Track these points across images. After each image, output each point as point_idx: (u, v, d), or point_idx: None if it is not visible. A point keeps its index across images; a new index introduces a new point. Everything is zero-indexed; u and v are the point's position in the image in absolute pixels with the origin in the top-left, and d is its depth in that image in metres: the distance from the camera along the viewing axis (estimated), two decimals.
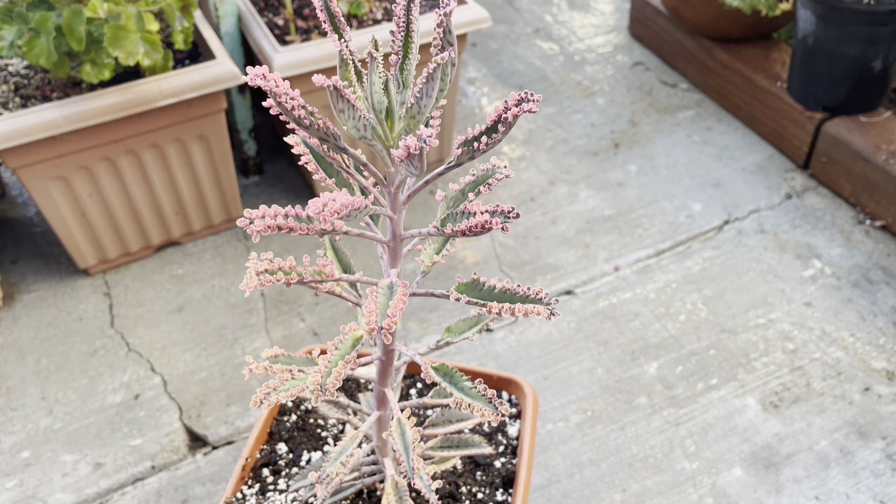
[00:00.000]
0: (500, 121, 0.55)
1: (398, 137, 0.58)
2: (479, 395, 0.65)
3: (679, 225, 1.69)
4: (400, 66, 0.57)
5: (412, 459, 0.68)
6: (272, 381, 0.67)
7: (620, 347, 1.44)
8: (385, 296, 0.58)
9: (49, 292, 1.57)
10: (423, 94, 0.53)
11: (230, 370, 1.42)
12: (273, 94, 0.52)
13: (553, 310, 0.62)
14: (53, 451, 1.30)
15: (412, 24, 0.56)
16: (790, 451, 1.28)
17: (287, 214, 0.57)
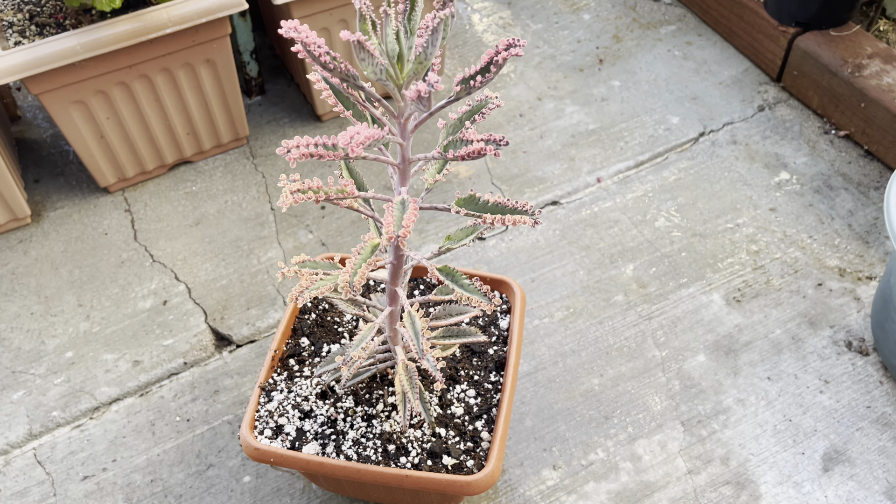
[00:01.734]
0: (491, 62, 0.67)
1: (407, 77, 0.69)
2: (476, 289, 0.80)
3: (657, 138, 1.81)
4: (408, 16, 0.68)
5: (421, 343, 0.83)
6: (303, 281, 0.81)
7: (600, 252, 1.59)
8: (399, 210, 0.71)
9: (73, 209, 1.69)
10: (429, 43, 0.64)
11: (248, 277, 1.56)
12: (303, 44, 0.64)
13: (536, 219, 0.75)
14: (95, 351, 1.45)
15: None
16: (748, 339, 1.45)
17: (318, 143, 0.69)
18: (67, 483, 1.29)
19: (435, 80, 0.61)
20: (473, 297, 0.79)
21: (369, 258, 0.75)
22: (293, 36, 0.63)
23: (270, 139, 1.83)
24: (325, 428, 1.05)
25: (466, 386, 1.10)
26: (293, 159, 0.68)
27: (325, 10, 1.59)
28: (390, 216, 0.70)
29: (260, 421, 1.05)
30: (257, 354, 1.44)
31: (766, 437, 1.32)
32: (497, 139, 0.66)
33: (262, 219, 1.66)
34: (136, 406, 1.38)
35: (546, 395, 1.38)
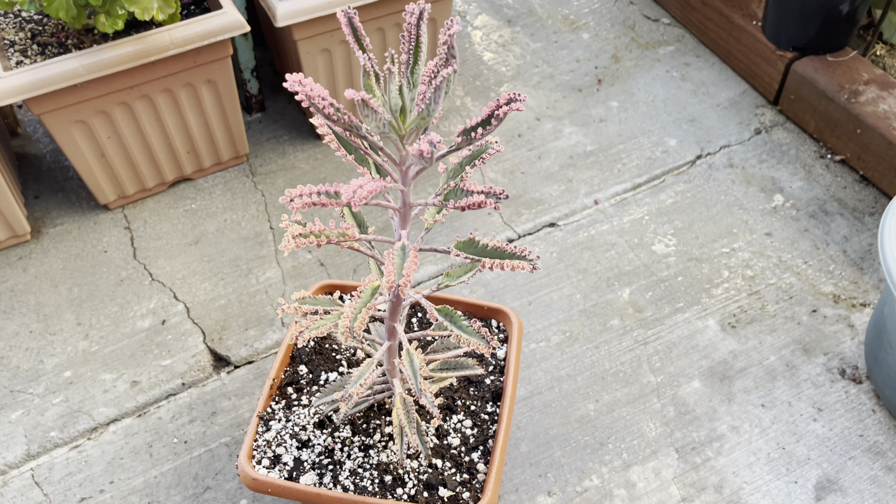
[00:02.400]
0: (492, 115, 0.68)
1: (410, 128, 0.70)
2: (474, 331, 0.81)
3: (655, 160, 1.82)
4: (411, 69, 0.69)
5: (419, 382, 0.84)
6: (304, 321, 0.82)
7: (597, 275, 1.60)
8: (400, 257, 0.72)
9: (73, 226, 1.70)
10: (432, 101, 0.65)
11: (246, 297, 1.57)
12: (308, 97, 0.65)
13: (535, 265, 0.76)
14: (93, 371, 1.46)
15: (421, 37, 0.67)
16: (743, 365, 1.46)
17: (320, 192, 0.70)
18: None
19: (437, 140, 0.62)
20: (471, 339, 0.80)
21: (369, 302, 0.76)
22: (297, 90, 0.64)
23: (270, 157, 1.83)
24: (322, 458, 1.06)
25: (463, 416, 1.11)
26: (296, 208, 0.68)
27: (326, 31, 1.60)
28: (391, 264, 0.71)
29: (258, 450, 1.06)
30: (255, 376, 1.45)
31: (760, 465, 1.33)
32: (497, 192, 0.67)
33: (262, 238, 1.67)
34: (133, 427, 1.39)
35: (542, 420, 1.39)
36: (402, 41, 0.70)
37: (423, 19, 0.67)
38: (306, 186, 0.70)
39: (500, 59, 2.08)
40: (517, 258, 0.77)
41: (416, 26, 0.67)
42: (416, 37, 0.67)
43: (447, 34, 0.64)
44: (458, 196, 0.70)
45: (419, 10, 0.66)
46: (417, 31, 0.67)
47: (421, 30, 0.67)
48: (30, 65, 1.44)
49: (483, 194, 0.68)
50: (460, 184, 0.71)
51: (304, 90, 0.65)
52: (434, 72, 0.64)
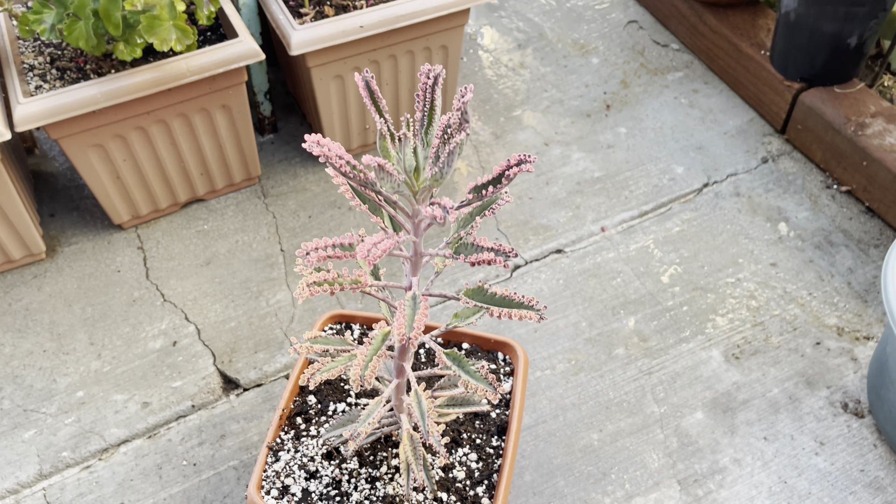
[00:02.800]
0: (503, 175, 0.70)
1: (422, 185, 0.72)
2: (482, 377, 0.83)
3: (662, 188, 1.84)
4: (425, 130, 0.71)
5: (427, 424, 0.86)
6: (316, 363, 0.84)
7: (603, 303, 1.62)
8: (411, 307, 0.74)
9: (87, 245, 1.72)
10: (446, 164, 0.67)
11: (256, 320, 1.59)
12: (326, 157, 0.67)
13: (542, 315, 0.78)
14: (105, 392, 1.49)
15: (436, 100, 0.70)
16: (746, 397, 1.47)
17: (335, 245, 0.72)
18: None
19: (450, 206, 0.64)
20: (480, 385, 0.82)
21: (380, 349, 0.78)
22: (316, 151, 0.67)
23: (282, 178, 1.86)
24: (329, 489, 1.08)
25: (468, 450, 1.13)
26: (311, 262, 0.71)
27: (339, 58, 1.63)
28: (402, 316, 0.73)
29: (267, 481, 1.08)
30: (263, 399, 1.47)
31: (762, 499, 1.34)
32: (507, 251, 0.70)
33: (272, 260, 1.69)
34: (143, 448, 1.41)
35: (546, 449, 1.41)
36: (416, 100, 0.72)
37: (438, 84, 0.69)
38: (322, 240, 0.72)
39: (509, 82, 2.11)
40: (524, 308, 0.79)
41: (432, 90, 0.69)
42: (431, 100, 0.69)
43: (461, 101, 0.67)
44: (467, 251, 0.72)
45: (435, 76, 0.68)
46: (433, 94, 0.69)
47: (436, 94, 0.69)
48: (49, 90, 1.47)
49: (493, 252, 0.70)
50: (469, 237, 0.73)
51: (323, 150, 0.67)
52: (447, 136, 0.66)
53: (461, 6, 1.65)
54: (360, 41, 1.61)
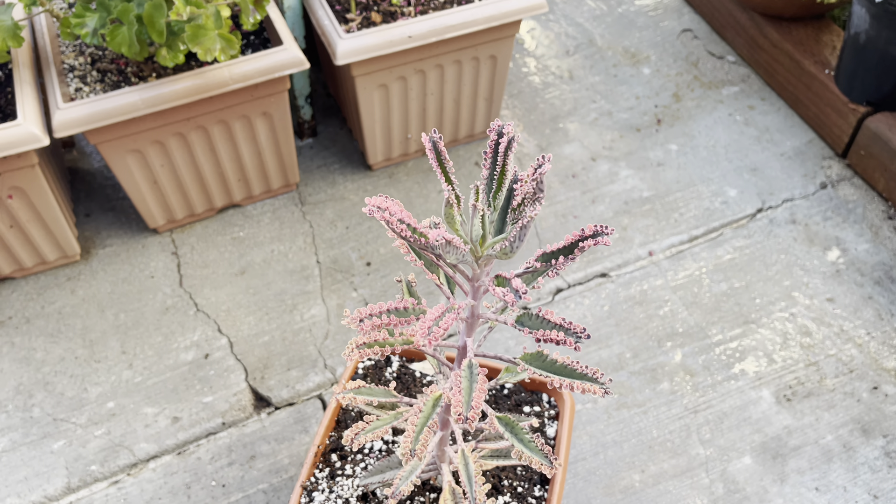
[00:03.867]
0: (576, 246, 0.64)
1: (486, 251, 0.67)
2: (537, 448, 0.77)
3: (713, 211, 1.76)
4: (493, 195, 0.65)
5: (474, 490, 0.81)
6: (360, 423, 0.80)
7: (649, 334, 1.56)
8: (467, 378, 0.69)
9: (122, 248, 1.69)
10: (517, 239, 0.62)
11: (290, 335, 1.55)
12: (387, 223, 0.62)
13: (607, 389, 0.73)
14: (136, 404, 1.46)
15: (507, 165, 0.64)
16: (797, 443, 1.41)
17: (389, 310, 0.67)
18: None
19: (523, 291, 0.58)
20: (534, 457, 0.77)
21: (431, 417, 0.73)
22: (378, 216, 0.61)
23: (320, 185, 1.81)
24: None
25: (509, 498, 1.08)
26: (365, 330, 0.66)
27: (384, 68, 1.57)
28: (458, 391, 0.68)
29: None
30: (295, 420, 1.44)
31: None
32: (578, 331, 0.64)
33: (308, 272, 1.65)
34: (173, 465, 1.38)
35: (585, 488, 1.35)
36: (484, 157, 0.66)
37: (511, 149, 0.63)
38: (376, 305, 0.67)
39: (556, 91, 2.03)
40: (588, 380, 0.73)
41: (504, 155, 0.63)
42: (503, 164, 0.64)
43: (538, 172, 0.61)
44: (533, 324, 0.67)
45: (508, 139, 0.63)
46: (504, 159, 0.63)
47: (508, 159, 0.63)
48: (89, 95, 1.43)
49: (563, 330, 0.64)
50: (534, 309, 0.67)
51: (384, 216, 0.61)
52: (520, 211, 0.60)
53: (513, 17, 1.58)
54: (407, 51, 1.55)
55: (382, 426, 0.81)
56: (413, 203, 1.77)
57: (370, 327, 0.66)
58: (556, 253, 0.65)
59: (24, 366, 1.51)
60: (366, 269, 1.66)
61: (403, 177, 1.82)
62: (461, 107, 1.77)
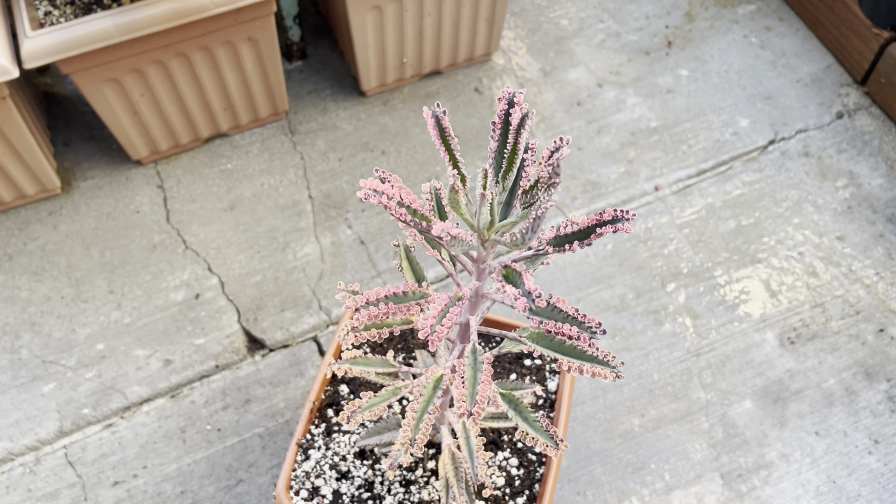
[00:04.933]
0: (593, 230, 0.58)
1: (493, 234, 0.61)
2: (542, 429, 0.74)
3: (724, 143, 1.68)
4: (503, 174, 0.58)
5: (476, 465, 0.78)
6: (357, 400, 0.76)
7: (652, 274, 1.51)
8: (471, 367, 0.64)
9: (105, 180, 1.62)
10: (529, 230, 0.55)
11: (283, 275, 1.50)
12: (386, 207, 0.56)
13: (619, 373, 0.68)
14: (126, 346, 1.42)
15: (519, 144, 0.57)
16: (799, 387, 1.39)
17: (388, 296, 0.62)
18: (98, 488, 1.29)
19: (537, 294, 0.53)
20: (539, 437, 0.73)
21: (432, 401, 0.69)
22: (374, 200, 0.55)
23: (311, 113, 1.72)
24: (361, 491, 1.02)
25: (509, 454, 1.06)
26: (362, 320, 0.60)
27: None
28: (461, 384, 0.63)
29: (296, 481, 1.03)
30: (290, 363, 1.41)
31: (808, 498, 1.29)
32: (593, 325, 0.59)
33: (300, 207, 1.59)
34: (166, 409, 1.36)
35: (584, 433, 1.34)
36: (492, 128, 0.59)
37: (524, 127, 0.56)
38: (374, 291, 0.61)
39: (562, 10, 1.91)
40: (599, 363, 0.69)
41: (516, 133, 0.56)
42: (514, 143, 0.57)
43: (555, 157, 0.54)
44: (544, 312, 0.62)
45: (521, 115, 0.55)
46: (517, 138, 0.56)
47: (521, 137, 0.56)
48: (59, 20, 1.32)
49: (576, 324, 0.59)
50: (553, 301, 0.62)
51: (382, 200, 0.55)
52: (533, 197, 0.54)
53: None
54: None
55: (380, 403, 0.77)
56: (409, 133, 1.68)
57: (367, 318, 0.60)
58: (570, 237, 0.59)
59: (9, 305, 1.46)
60: (360, 204, 1.59)
61: (399, 104, 1.73)
62: (460, 29, 1.66)
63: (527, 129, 0.56)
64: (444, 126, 0.58)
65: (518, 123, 0.56)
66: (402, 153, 1.65)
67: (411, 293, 0.63)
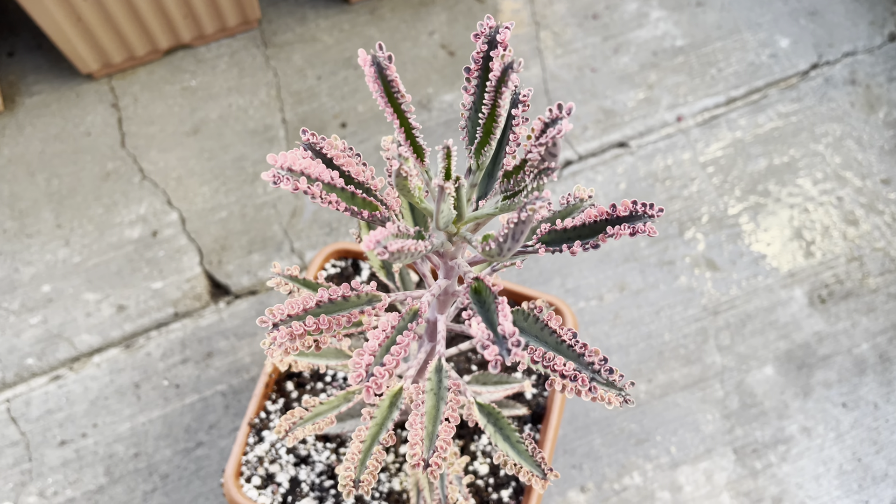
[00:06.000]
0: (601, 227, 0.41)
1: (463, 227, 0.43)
2: (528, 455, 0.58)
3: (759, 66, 1.47)
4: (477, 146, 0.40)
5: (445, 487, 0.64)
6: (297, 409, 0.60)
7: (669, 218, 1.34)
8: (433, 395, 0.48)
9: (52, 97, 1.43)
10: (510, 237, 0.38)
11: (251, 211, 1.33)
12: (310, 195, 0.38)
13: (627, 396, 0.52)
14: (75, 288, 1.27)
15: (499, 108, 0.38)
16: (827, 352, 1.24)
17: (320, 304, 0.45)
18: (43, 447, 1.17)
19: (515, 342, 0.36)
20: (524, 466, 0.58)
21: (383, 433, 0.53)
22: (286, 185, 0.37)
23: (287, 23, 1.50)
24: (323, 479, 0.89)
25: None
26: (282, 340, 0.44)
27: None
28: (419, 420, 0.47)
29: (248, 466, 0.89)
30: (258, 312, 1.26)
31: (829, 477, 1.15)
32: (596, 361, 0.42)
33: (272, 133, 1.40)
34: (119, 361, 1.22)
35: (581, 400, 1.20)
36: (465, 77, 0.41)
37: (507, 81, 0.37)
38: (298, 299, 0.45)
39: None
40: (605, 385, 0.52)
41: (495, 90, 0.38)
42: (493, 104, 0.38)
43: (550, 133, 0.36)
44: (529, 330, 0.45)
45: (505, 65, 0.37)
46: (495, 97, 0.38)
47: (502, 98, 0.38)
48: None
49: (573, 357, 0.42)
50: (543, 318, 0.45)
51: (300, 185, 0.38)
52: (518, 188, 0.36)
53: None
54: None
55: (327, 412, 0.61)
56: (399, 48, 1.47)
57: (287, 337, 0.44)
58: (571, 234, 0.42)
59: None
60: (341, 130, 1.40)
61: (388, 13, 1.51)
62: None
63: (511, 85, 0.38)
64: (388, 78, 0.40)
65: (498, 78, 0.38)
66: None
67: (354, 298, 0.46)
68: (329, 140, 0.42)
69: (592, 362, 0.43)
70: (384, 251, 0.36)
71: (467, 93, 0.42)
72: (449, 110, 1.41)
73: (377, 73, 0.40)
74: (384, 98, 0.41)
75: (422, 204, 0.43)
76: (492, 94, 0.38)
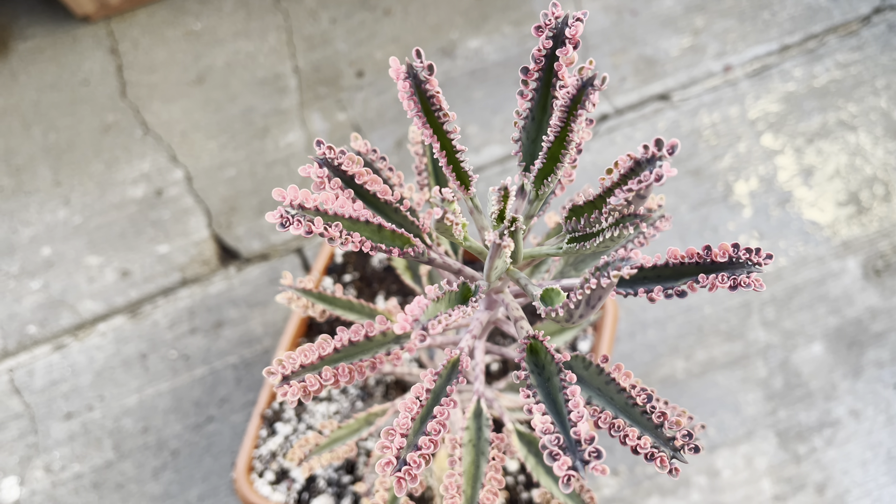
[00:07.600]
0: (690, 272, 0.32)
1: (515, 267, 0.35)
2: (576, 496, 0.51)
3: (817, 10, 1.33)
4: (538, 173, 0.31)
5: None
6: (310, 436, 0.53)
7: (713, 179, 1.23)
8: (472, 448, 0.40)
9: (47, 41, 1.32)
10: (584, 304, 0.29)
11: (261, 168, 1.24)
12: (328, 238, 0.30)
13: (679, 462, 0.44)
14: (76, 251, 1.20)
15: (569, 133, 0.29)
16: (882, 328, 1.15)
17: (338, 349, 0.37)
18: (49, 420, 1.12)
19: (593, 452, 0.27)
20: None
21: None
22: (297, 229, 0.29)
23: None
24: (340, 474, 0.83)
25: None
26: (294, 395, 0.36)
27: None
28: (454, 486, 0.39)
29: (260, 460, 0.83)
30: (270, 279, 1.18)
31: (877, 464, 1.08)
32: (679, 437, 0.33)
33: (283, 83, 1.29)
34: (125, 330, 1.16)
35: None
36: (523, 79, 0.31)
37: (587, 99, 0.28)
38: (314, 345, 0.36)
39: None
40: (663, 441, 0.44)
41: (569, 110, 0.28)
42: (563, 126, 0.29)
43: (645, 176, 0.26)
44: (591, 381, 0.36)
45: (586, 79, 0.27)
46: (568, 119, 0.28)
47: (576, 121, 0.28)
48: None
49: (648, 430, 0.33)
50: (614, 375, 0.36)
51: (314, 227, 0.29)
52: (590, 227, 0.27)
53: None
54: None
55: (347, 438, 0.54)
56: None
57: (300, 393, 0.36)
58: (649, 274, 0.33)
59: None
60: (357, 81, 1.30)
61: None
62: None
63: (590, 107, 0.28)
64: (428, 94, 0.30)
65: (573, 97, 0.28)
66: (411, 13, 1.32)
67: (378, 337, 0.38)
68: (349, 154, 0.33)
69: (674, 437, 0.35)
70: (423, 335, 0.28)
71: (523, 98, 0.32)
72: (475, 58, 1.29)
73: (413, 87, 0.31)
74: (422, 118, 0.32)
75: (466, 243, 0.34)
76: (563, 115, 0.29)
